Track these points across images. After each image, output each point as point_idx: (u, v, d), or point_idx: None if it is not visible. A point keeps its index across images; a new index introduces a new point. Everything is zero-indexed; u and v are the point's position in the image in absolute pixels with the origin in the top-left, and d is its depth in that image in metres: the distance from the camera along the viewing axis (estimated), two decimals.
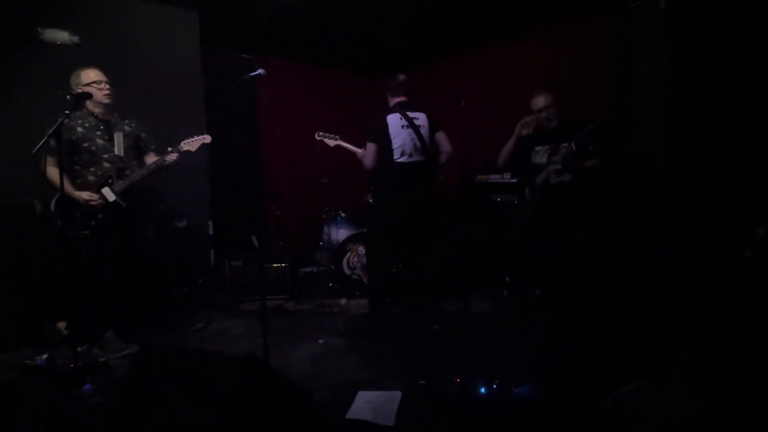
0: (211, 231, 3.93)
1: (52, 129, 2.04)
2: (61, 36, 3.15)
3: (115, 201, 2.55)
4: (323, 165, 4.87)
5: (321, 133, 3.39)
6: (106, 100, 2.59)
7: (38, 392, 2.11)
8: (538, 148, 3.03)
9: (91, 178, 2.57)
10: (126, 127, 2.69)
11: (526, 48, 4.45)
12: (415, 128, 2.98)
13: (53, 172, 2.44)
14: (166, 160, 2.61)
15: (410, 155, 2.98)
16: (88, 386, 2.14)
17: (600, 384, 2.00)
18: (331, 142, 3.39)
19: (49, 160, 2.43)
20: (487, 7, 3.96)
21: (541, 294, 3.19)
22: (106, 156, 2.60)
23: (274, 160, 5.05)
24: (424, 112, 3.07)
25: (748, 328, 1.62)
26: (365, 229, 3.65)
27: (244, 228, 4.35)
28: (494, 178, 3.89)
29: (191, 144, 2.63)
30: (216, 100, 4.17)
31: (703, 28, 2.95)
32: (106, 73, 2.66)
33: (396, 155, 2.97)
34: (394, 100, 3.09)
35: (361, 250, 3.75)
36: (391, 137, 2.96)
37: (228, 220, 4.20)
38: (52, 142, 2.35)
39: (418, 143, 2.98)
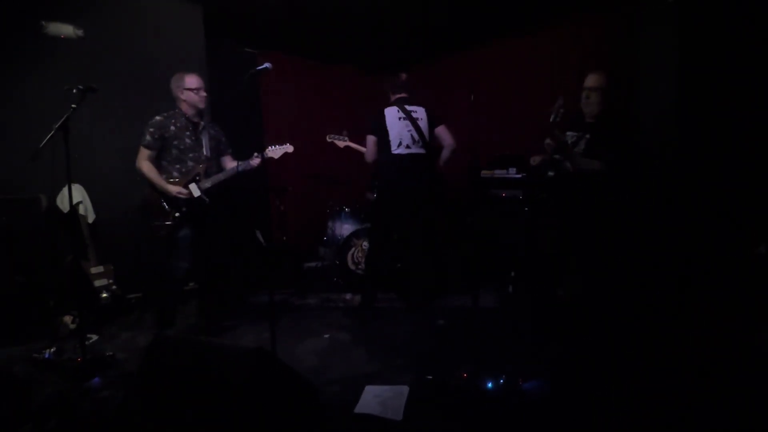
0: None
1: (59, 123, 2.04)
2: (66, 30, 3.14)
3: (199, 197, 2.73)
4: (328, 160, 4.86)
5: (331, 135, 3.42)
6: (202, 105, 2.80)
7: (47, 386, 2.12)
8: (569, 133, 2.82)
9: (175, 174, 2.73)
10: (211, 131, 2.88)
11: (534, 42, 4.41)
12: (413, 120, 2.99)
13: (147, 166, 2.67)
14: (251, 164, 2.78)
15: (408, 146, 2.99)
16: (96, 380, 2.15)
17: (607, 379, 2.01)
18: (341, 143, 3.41)
19: (144, 153, 2.68)
20: (494, 2, 3.92)
21: (548, 289, 3.19)
22: (191, 155, 2.76)
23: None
24: (424, 107, 3.07)
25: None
26: (369, 225, 3.64)
27: (248, 223, 4.36)
28: (500, 173, 3.87)
29: (275, 152, 2.80)
30: (220, 94, 4.15)
31: (713, 22, 2.92)
32: (110, 67, 2.65)
33: (393, 146, 2.99)
34: (394, 97, 3.12)
35: (366, 245, 3.75)
36: (388, 128, 2.99)
37: (232, 215, 4.19)
38: (149, 137, 2.66)
39: (415, 135, 2.99)
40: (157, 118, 2.72)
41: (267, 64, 2.17)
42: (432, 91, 5.40)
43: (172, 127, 2.73)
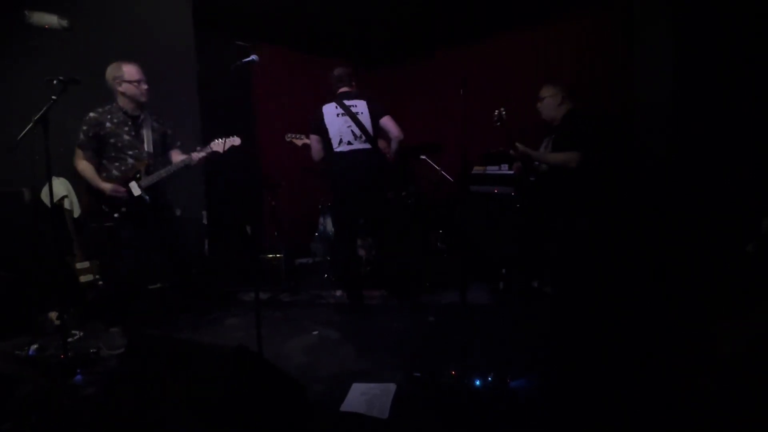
0: (205, 221, 3.89)
1: (38, 115, 1.99)
2: (50, 20, 3.06)
3: (139, 196, 2.60)
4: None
5: (290, 135, 3.38)
6: (143, 99, 2.62)
7: (29, 383, 2.08)
8: (545, 140, 3.08)
9: (115, 173, 2.59)
10: (154, 124, 2.72)
11: (530, 39, 4.38)
12: (352, 115, 2.90)
13: (83, 165, 2.54)
14: (193, 159, 2.64)
15: (349, 143, 2.92)
16: (79, 377, 2.12)
17: (595, 376, 2.00)
18: (299, 142, 3.37)
19: (79, 153, 2.54)
20: None
21: (539, 286, 3.19)
22: (131, 152, 2.61)
23: (271, 149, 4.99)
24: (364, 99, 2.98)
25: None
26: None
27: (239, 218, 4.32)
28: (491, 169, 3.85)
29: (219, 145, 2.64)
30: (211, 88, 4.10)
31: (708, 19, 2.90)
32: (96, 58, 2.62)
33: (335, 144, 2.92)
34: (336, 92, 3.04)
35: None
36: (327, 127, 2.92)
37: (223, 210, 4.15)
38: (82, 135, 2.53)
39: (356, 130, 2.90)
40: (92, 114, 2.54)
41: (253, 56, 2.14)
42: (427, 87, 5.38)
43: (108, 124, 2.55)
